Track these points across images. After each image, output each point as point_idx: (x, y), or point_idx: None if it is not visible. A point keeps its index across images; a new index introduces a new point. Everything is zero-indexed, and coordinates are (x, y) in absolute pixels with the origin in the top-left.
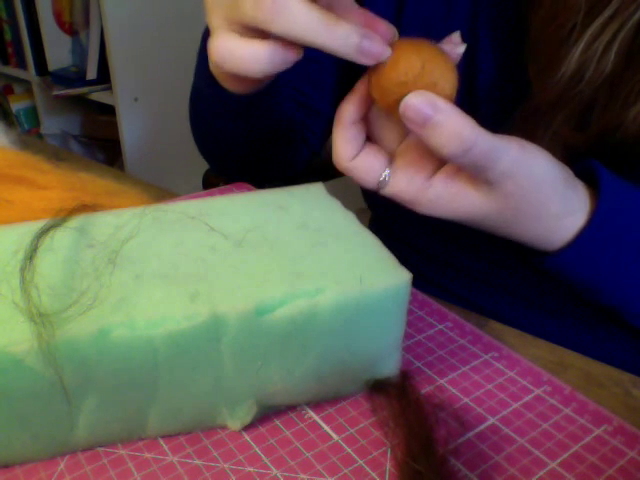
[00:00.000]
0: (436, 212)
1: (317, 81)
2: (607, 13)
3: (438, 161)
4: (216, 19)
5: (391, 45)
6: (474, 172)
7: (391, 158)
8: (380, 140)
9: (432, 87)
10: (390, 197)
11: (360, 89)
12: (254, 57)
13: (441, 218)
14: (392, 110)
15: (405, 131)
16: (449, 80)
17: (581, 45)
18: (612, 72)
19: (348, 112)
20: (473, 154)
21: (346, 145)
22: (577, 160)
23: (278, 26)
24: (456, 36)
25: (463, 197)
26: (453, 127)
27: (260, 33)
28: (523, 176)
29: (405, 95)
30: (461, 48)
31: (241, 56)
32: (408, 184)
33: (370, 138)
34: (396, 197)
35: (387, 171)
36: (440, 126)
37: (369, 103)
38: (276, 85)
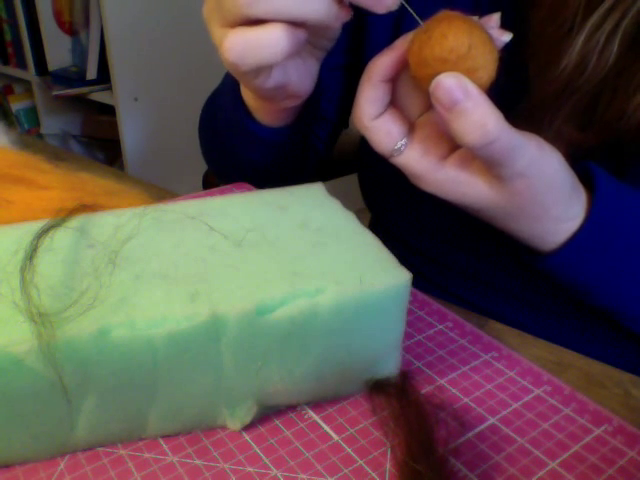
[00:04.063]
0: (441, 193)
1: (324, 87)
2: (608, 3)
3: (455, 142)
4: (216, 30)
5: (440, 16)
6: (489, 165)
7: (409, 128)
8: (402, 107)
9: (471, 73)
10: (400, 167)
11: (398, 49)
12: (271, 38)
13: (444, 200)
14: (424, 82)
15: (429, 104)
16: (489, 70)
17: (582, 36)
18: (616, 64)
19: (380, 69)
20: (493, 148)
21: (371, 103)
22: (579, 159)
23: (259, 10)
24: (497, 18)
25: (472, 186)
26: (479, 117)
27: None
28: (535, 178)
29: (442, 73)
30: (507, 37)
31: (257, 42)
32: (421, 158)
33: (391, 102)
34: (406, 168)
35: (404, 140)
36: (467, 113)
37: (403, 65)
38: (307, 113)
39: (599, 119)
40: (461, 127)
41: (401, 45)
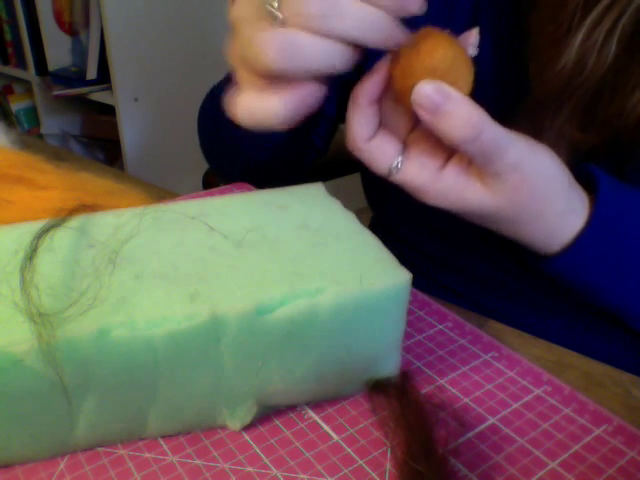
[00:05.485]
0: (444, 203)
1: None
2: (606, 1)
3: (449, 152)
4: (240, 72)
5: (425, 32)
6: (482, 162)
7: (403, 146)
8: (389, 127)
9: (454, 83)
10: (400, 184)
11: (381, 70)
12: (272, 112)
13: (447, 210)
14: (409, 97)
15: (415, 121)
16: (467, 82)
17: (581, 34)
18: (615, 62)
19: (365, 93)
20: (482, 140)
21: (363, 126)
22: (580, 160)
23: (282, 66)
24: (475, 32)
25: (472, 190)
26: (463, 114)
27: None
28: (529, 170)
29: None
30: (472, 51)
31: (259, 111)
32: (420, 173)
33: (380, 124)
34: (406, 185)
35: (399, 158)
36: (450, 113)
37: (386, 85)
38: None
39: (599, 117)
40: (448, 127)
41: (382, 67)
